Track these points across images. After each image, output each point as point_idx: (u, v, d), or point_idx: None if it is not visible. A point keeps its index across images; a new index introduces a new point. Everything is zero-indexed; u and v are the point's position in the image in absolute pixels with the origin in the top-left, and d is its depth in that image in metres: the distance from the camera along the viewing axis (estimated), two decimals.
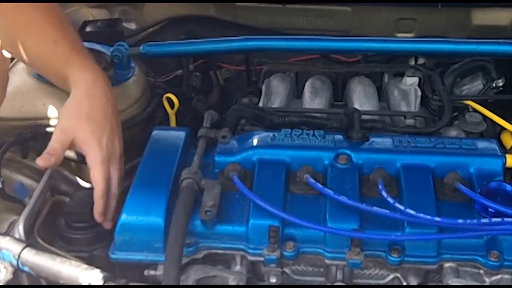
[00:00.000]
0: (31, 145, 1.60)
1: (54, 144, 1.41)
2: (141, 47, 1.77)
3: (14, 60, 1.70)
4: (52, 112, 1.62)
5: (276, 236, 1.31)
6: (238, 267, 1.36)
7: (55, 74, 1.50)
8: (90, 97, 1.45)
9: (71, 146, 1.42)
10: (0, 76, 1.32)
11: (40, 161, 1.39)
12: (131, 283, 1.29)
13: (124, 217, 1.34)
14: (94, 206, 1.42)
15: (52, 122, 1.62)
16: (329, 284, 1.38)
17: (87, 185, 1.59)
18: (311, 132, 1.53)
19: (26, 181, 1.58)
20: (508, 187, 1.39)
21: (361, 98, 1.80)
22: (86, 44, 1.80)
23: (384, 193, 1.35)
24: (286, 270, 1.38)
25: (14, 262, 1.29)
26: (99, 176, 1.41)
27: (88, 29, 1.98)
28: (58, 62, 1.47)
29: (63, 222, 1.44)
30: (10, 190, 1.50)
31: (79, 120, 1.42)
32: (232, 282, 1.31)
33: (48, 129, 1.61)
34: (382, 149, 1.49)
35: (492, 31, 1.97)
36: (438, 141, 1.51)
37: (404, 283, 1.37)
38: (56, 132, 1.43)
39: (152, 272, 1.35)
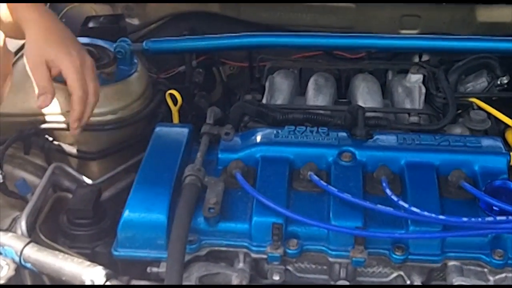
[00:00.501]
0: (33, 141, 1.60)
1: (39, 82, 1.44)
2: (144, 43, 1.77)
3: (18, 55, 1.70)
4: (54, 108, 1.61)
5: (280, 234, 1.30)
6: (241, 265, 1.36)
7: (11, 28, 1.53)
8: (44, 28, 1.49)
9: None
10: (4, 71, 1.32)
11: (41, 104, 1.42)
12: (132, 282, 1.29)
13: (126, 214, 1.34)
14: (71, 112, 1.46)
15: (55, 118, 1.61)
16: (332, 282, 1.38)
17: (89, 181, 1.59)
18: (314, 129, 1.53)
19: (29, 177, 1.58)
20: None
21: (365, 95, 1.80)
22: (88, 40, 1.80)
23: (388, 191, 1.34)
24: (289, 267, 1.37)
25: (17, 259, 1.29)
26: (74, 83, 1.45)
27: (90, 24, 1.97)
28: (9, 15, 1.51)
29: (65, 218, 1.44)
30: (12, 186, 1.50)
31: (42, 46, 1.46)
32: (235, 279, 1.31)
33: (51, 125, 1.61)
34: (386, 147, 1.49)
35: (496, 28, 1.96)
36: (442, 139, 1.50)
37: (408, 282, 1.37)
38: (32, 70, 1.45)
39: (154, 269, 1.35)
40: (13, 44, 1.63)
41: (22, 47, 1.75)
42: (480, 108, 1.71)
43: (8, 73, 1.35)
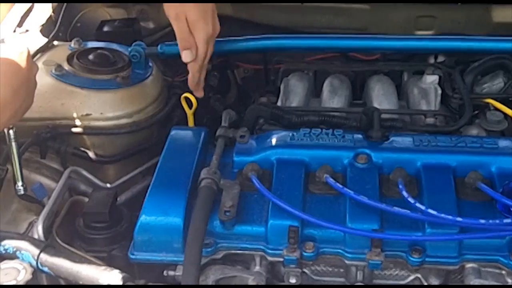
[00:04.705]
0: (49, 145, 1.60)
1: (180, 35, 1.58)
2: (158, 47, 1.77)
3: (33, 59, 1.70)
4: (70, 112, 1.62)
5: (296, 237, 1.30)
6: (257, 268, 1.36)
7: None
8: None
9: None
10: (30, 81, 1.33)
11: (185, 58, 1.60)
12: (149, 283, 1.29)
13: (143, 217, 1.34)
14: (190, 78, 1.65)
15: (71, 122, 1.62)
16: (348, 284, 1.38)
17: (106, 185, 1.60)
18: (330, 131, 1.52)
19: (45, 181, 1.58)
20: None
21: (380, 96, 1.79)
22: (103, 44, 1.81)
23: (404, 193, 1.34)
24: (306, 270, 1.37)
25: (34, 263, 1.29)
26: (201, 53, 1.60)
27: (105, 29, 1.98)
28: None
29: (82, 222, 1.44)
30: (29, 190, 1.50)
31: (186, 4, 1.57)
32: (251, 282, 1.31)
33: (66, 130, 1.61)
34: (402, 149, 1.48)
35: None
36: (459, 140, 1.50)
37: (425, 284, 1.36)
38: (174, 21, 1.58)
39: (171, 273, 1.35)
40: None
41: (36, 53, 1.76)
42: (496, 109, 1.70)
43: (35, 87, 1.36)
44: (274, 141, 1.50)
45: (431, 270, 1.35)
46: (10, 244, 1.31)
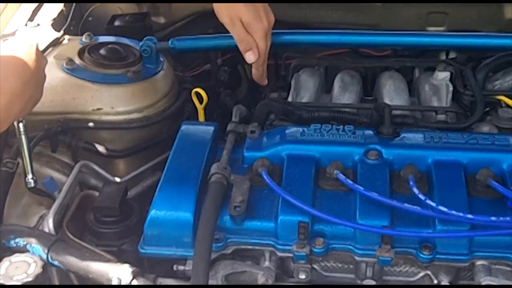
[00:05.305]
0: (60, 139, 1.61)
1: (240, 37, 1.58)
2: (169, 42, 1.77)
3: (45, 54, 1.71)
4: (81, 106, 1.62)
5: (306, 232, 1.30)
6: (267, 263, 1.36)
7: None
8: None
9: None
10: (39, 74, 1.34)
11: (250, 59, 1.61)
12: (159, 280, 1.29)
13: (153, 212, 1.35)
14: (254, 72, 1.66)
15: (82, 116, 1.62)
16: (358, 281, 1.37)
17: (116, 179, 1.60)
18: (340, 127, 1.52)
19: (56, 175, 1.58)
20: None
21: (391, 93, 1.79)
22: (114, 38, 1.81)
23: (415, 190, 1.33)
24: (315, 266, 1.37)
25: (44, 256, 1.30)
26: (263, 50, 1.60)
27: (116, 23, 1.98)
28: None
29: (92, 216, 1.44)
30: (39, 184, 1.50)
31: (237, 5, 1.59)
32: (261, 278, 1.31)
33: (77, 124, 1.62)
34: (413, 145, 1.48)
35: None
36: (470, 137, 1.49)
37: (435, 281, 1.36)
38: (229, 26, 1.58)
39: (181, 267, 1.35)
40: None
41: (47, 47, 1.77)
42: (508, 106, 1.69)
43: (44, 80, 1.37)
44: (284, 136, 1.50)
45: (441, 267, 1.35)
46: (20, 237, 1.32)
